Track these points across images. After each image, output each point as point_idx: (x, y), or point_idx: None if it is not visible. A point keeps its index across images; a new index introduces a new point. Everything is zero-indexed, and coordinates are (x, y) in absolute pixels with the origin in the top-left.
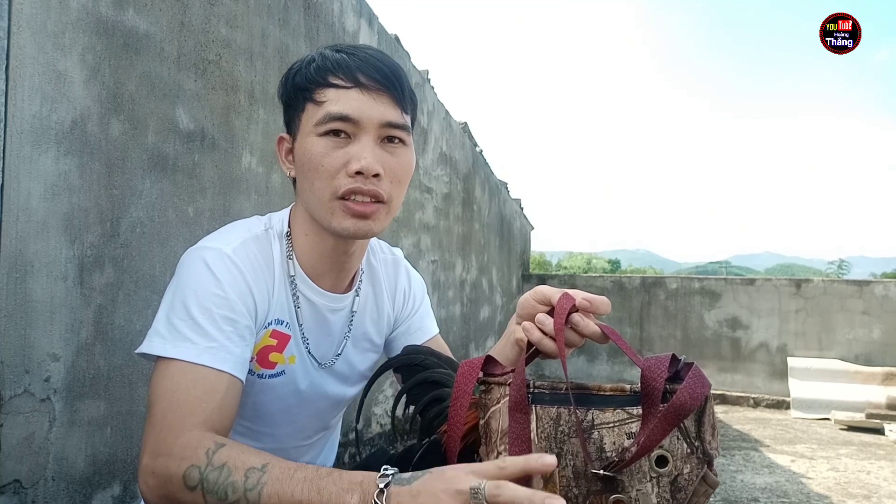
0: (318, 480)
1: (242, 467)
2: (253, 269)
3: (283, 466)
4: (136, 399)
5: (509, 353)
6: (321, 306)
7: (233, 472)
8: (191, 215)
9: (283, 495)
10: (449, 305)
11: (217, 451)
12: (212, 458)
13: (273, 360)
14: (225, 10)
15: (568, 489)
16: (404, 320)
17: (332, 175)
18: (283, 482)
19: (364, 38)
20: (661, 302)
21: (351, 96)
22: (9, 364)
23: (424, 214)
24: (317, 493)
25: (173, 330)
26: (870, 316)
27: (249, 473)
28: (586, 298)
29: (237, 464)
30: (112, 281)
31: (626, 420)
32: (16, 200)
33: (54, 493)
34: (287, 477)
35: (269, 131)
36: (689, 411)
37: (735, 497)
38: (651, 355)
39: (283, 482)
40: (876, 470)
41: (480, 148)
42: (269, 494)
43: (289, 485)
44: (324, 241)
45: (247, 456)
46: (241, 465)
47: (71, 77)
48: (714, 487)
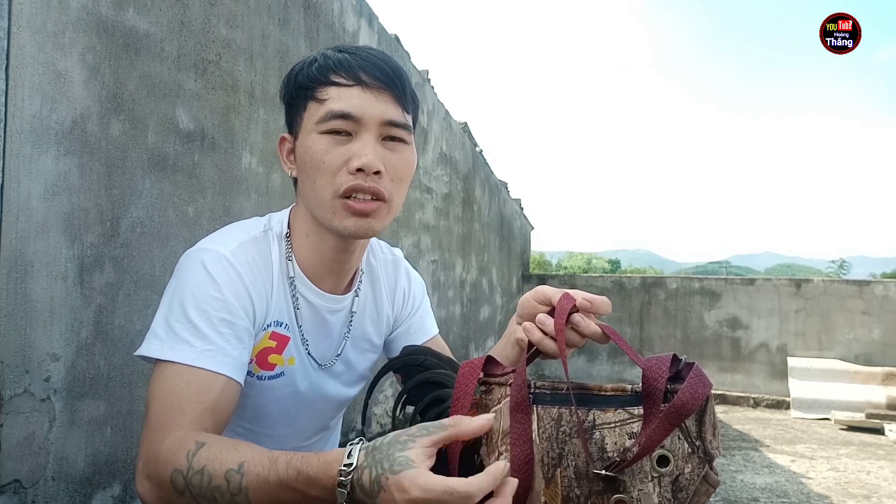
0: (295, 462)
1: (221, 470)
2: (251, 271)
3: (258, 465)
4: (136, 399)
5: (510, 353)
6: (320, 307)
7: (213, 478)
8: (191, 215)
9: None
10: (449, 305)
11: (196, 453)
12: (192, 460)
13: (272, 361)
14: (225, 10)
15: (569, 489)
16: (404, 321)
17: (334, 172)
18: (261, 487)
19: (364, 38)
20: (661, 302)
21: (353, 94)
22: (9, 364)
23: (424, 214)
24: (295, 472)
25: (171, 332)
26: (870, 316)
27: (229, 476)
28: (587, 298)
29: (216, 467)
30: (112, 281)
31: (628, 420)
32: (16, 200)
33: (54, 493)
34: (264, 476)
35: (270, 131)
36: (690, 411)
37: (735, 497)
38: (652, 355)
39: (262, 486)
40: (876, 470)
41: (480, 148)
42: (255, 494)
43: (267, 484)
44: (324, 241)
45: (224, 454)
46: (219, 469)
47: (71, 77)
48: (715, 487)
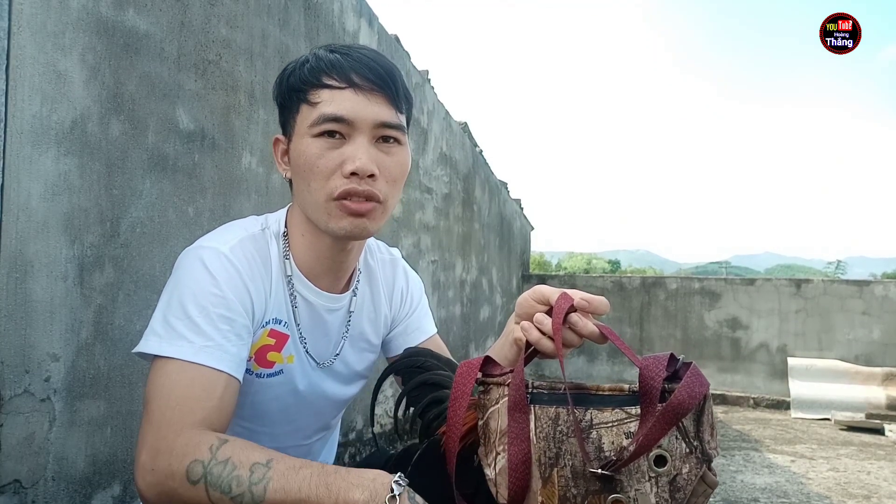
0: (324, 476)
1: (247, 462)
2: (250, 268)
3: (288, 462)
4: (136, 399)
5: (508, 352)
6: (318, 306)
7: (237, 467)
8: (191, 215)
9: (290, 490)
10: (449, 305)
11: (221, 447)
12: (216, 452)
13: (271, 359)
14: (225, 10)
15: (566, 489)
16: (402, 320)
17: (328, 176)
18: (288, 478)
19: (364, 38)
20: (661, 302)
21: (345, 97)
22: (9, 364)
23: (424, 214)
24: (325, 489)
25: (170, 329)
26: (870, 316)
27: (254, 468)
28: (585, 298)
29: (242, 459)
30: (112, 281)
31: (625, 420)
32: (16, 200)
33: (54, 493)
34: (293, 472)
35: (269, 131)
36: (687, 410)
37: (735, 497)
38: (649, 355)
39: (289, 477)
40: (876, 470)
41: (480, 148)
42: (274, 490)
43: (294, 480)
44: (320, 242)
45: (251, 451)
46: (245, 461)
47: (71, 77)
48: (713, 487)
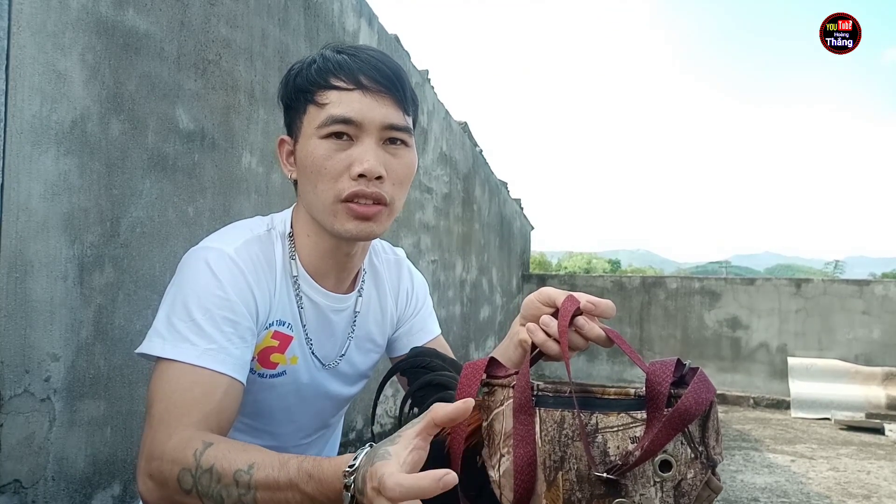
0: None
1: (230, 470)
2: (255, 270)
3: (268, 467)
4: (136, 399)
5: (512, 354)
6: (324, 307)
7: (222, 477)
8: (191, 215)
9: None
10: (449, 305)
11: (204, 452)
12: (199, 460)
13: (274, 360)
14: (225, 10)
15: (571, 493)
16: (407, 320)
17: (335, 178)
18: (270, 487)
19: (364, 38)
20: (661, 302)
21: (353, 98)
22: (9, 364)
23: (424, 214)
24: (306, 476)
25: (173, 331)
26: (870, 316)
27: (238, 476)
28: (591, 301)
29: (224, 466)
30: (112, 281)
31: (631, 424)
32: (16, 200)
33: (54, 493)
34: (274, 477)
35: (269, 131)
36: (693, 416)
37: (735, 497)
38: (656, 359)
39: (271, 487)
40: (876, 470)
41: (480, 148)
42: (263, 500)
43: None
44: (326, 242)
45: (233, 455)
46: (228, 468)
47: (71, 77)
48: (717, 493)
